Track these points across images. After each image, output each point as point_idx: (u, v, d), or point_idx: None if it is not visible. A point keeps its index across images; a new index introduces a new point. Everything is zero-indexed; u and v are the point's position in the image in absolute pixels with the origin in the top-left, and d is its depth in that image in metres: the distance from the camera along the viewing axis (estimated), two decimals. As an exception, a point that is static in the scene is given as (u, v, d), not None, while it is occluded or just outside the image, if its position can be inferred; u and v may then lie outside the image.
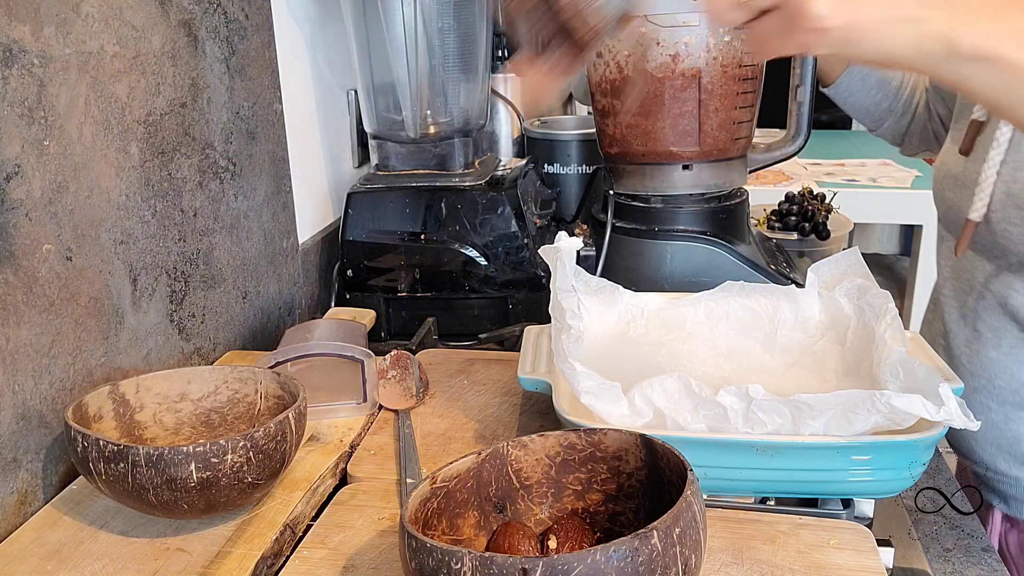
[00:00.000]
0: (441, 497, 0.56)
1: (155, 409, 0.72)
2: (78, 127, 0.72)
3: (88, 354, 0.74)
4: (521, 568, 0.44)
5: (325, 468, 0.72)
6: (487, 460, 0.58)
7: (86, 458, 0.60)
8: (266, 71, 1.02)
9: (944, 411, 0.60)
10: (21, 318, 0.66)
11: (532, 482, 0.60)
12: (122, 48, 0.77)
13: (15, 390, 0.66)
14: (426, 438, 0.78)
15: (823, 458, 0.63)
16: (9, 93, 0.64)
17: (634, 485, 0.58)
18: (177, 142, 0.86)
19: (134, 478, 0.59)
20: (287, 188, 1.09)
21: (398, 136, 1.15)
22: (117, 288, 0.77)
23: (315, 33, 1.18)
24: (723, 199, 1.09)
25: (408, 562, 0.48)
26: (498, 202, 1.09)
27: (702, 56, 0.98)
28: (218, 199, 0.93)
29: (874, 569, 0.59)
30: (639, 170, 1.07)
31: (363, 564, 0.60)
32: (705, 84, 0.99)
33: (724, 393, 0.65)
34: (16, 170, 0.65)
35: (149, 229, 0.82)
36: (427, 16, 1.09)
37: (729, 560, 0.60)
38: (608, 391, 0.67)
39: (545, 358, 0.79)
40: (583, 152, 1.33)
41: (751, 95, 1.04)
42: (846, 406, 0.62)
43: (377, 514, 0.67)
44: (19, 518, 0.67)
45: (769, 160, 1.13)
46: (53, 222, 0.69)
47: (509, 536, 0.57)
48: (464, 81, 1.15)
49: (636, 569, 0.45)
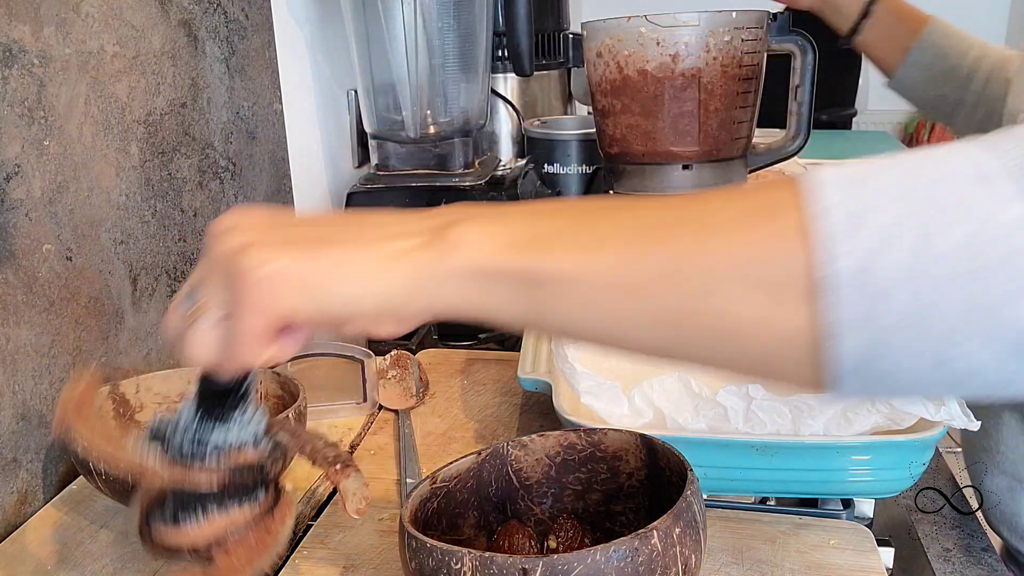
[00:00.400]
0: (441, 497, 0.56)
1: (155, 409, 0.72)
2: (78, 127, 0.72)
3: (88, 354, 0.74)
4: (521, 568, 0.44)
5: (325, 468, 0.72)
6: (487, 460, 0.58)
7: (86, 458, 0.60)
8: (266, 71, 1.02)
9: (944, 411, 0.60)
10: (21, 318, 0.66)
11: (532, 482, 0.60)
12: (122, 48, 0.77)
13: (15, 390, 0.66)
14: (426, 438, 0.78)
15: (823, 458, 0.63)
16: (9, 93, 0.64)
17: (634, 485, 0.58)
18: (177, 142, 0.85)
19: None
20: (287, 188, 1.09)
21: (398, 136, 1.15)
22: (117, 288, 0.77)
23: (315, 33, 1.18)
24: (723, 199, 1.09)
25: (408, 562, 0.48)
26: (498, 202, 1.09)
27: (702, 56, 0.98)
28: (218, 199, 0.93)
29: (874, 569, 0.59)
30: (639, 170, 1.07)
31: (363, 564, 0.60)
32: (705, 84, 0.99)
33: (724, 393, 0.65)
34: (16, 170, 0.65)
35: (149, 229, 0.82)
36: (427, 16, 1.09)
37: (729, 560, 0.60)
38: (608, 391, 0.67)
39: (545, 358, 0.79)
40: (583, 152, 1.33)
41: (751, 95, 1.04)
42: (846, 406, 0.62)
43: (377, 514, 0.67)
44: (19, 518, 0.67)
45: (769, 160, 1.13)
46: (53, 222, 0.69)
47: (509, 536, 0.57)
48: (464, 81, 1.15)
49: (636, 569, 0.45)
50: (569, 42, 1.49)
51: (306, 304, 0.38)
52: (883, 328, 0.31)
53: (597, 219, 0.37)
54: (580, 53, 1.16)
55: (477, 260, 0.37)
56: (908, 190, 0.32)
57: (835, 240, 0.31)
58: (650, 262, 0.35)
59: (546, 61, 1.46)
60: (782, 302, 0.33)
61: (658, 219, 0.36)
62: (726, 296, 0.34)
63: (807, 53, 1.06)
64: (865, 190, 0.32)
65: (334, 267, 0.38)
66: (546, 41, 1.46)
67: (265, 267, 0.37)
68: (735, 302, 0.34)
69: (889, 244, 0.31)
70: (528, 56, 1.23)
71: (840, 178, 0.33)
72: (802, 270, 0.32)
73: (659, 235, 0.36)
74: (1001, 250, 0.30)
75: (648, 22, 0.98)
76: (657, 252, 0.35)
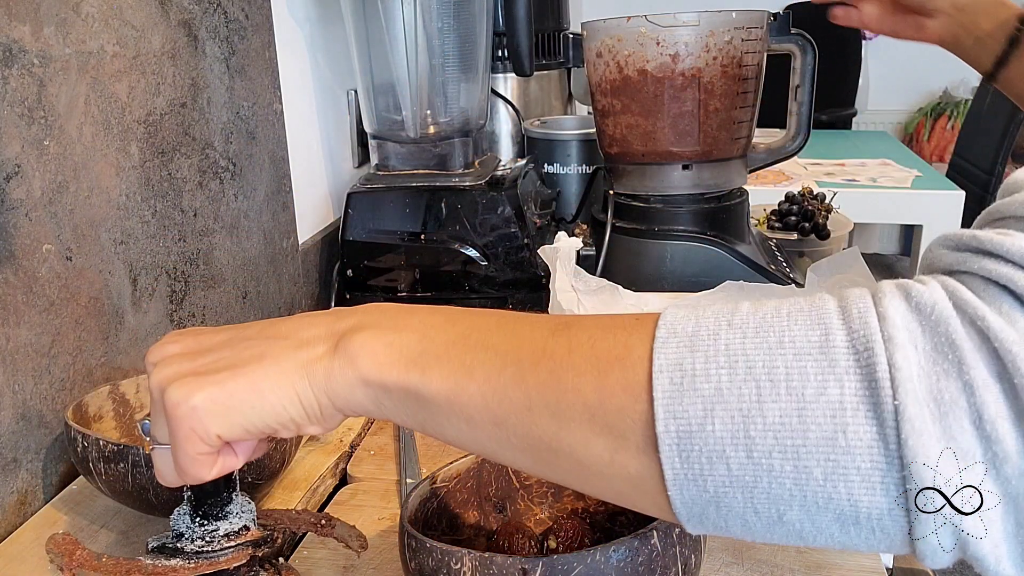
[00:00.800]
0: (441, 497, 0.56)
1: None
2: (78, 127, 0.72)
3: (88, 354, 0.74)
4: (521, 568, 0.44)
5: (325, 468, 0.72)
6: (487, 460, 0.58)
7: (86, 458, 0.60)
8: (266, 71, 1.02)
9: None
10: (21, 318, 0.66)
11: (532, 482, 0.60)
12: (122, 48, 0.77)
13: (15, 390, 0.66)
14: (426, 438, 0.78)
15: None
16: (9, 93, 0.64)
17: (634, 485, 0.58)
18: (177, 142, 0.86)
19: (134, 478, 0.59)
20: (287, 188, 1.09)
21: (398, 136, 1.15)
22: (117, 288, 0.77)
23: (315, 33, 1.18)
24: (723, 199, 1.09)
25: (408, 562, 0.48)
26: (498, 202, 1.09)
27: (702, 56, 0.98)
28: (218, 199, 0.93)
29: (874, 569, 0.59)
30: (639, 170, 1.07)
31: (363, 564, 0.60)
32: (705, 84, 0.99)
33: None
34: (16, 170, 0.65)
35: (149, 229, 0.82)
36: (427, 16, 1.09)
37: (729, 560, 0.60)
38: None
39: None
40: (583, 152, 1.33)
41: (751, 95, 1.04)
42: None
43: (377, 514, 0.67)
44: (19, 518, 0.67)
45: (769, 160, 1.13)
46: (53, 222, 0.69)
47: (509, 536, 0.57)
48: (464, 81, 1.15)
49: (636, 569, 0.45)
50: (569, 42, 1.50)
51: (231, 427, 0.42)
52: (715, 487, 0.33)
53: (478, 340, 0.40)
54: (580, 53, 1.16)
55: (369, 374, 0.40)
56: (744, 355, 0.33)
57: (670, 400, 0.33)
58: (510, 395, 0.38)
59: (546, 61, 1.46)
60: (626, 448, 0.35)
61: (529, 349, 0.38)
62: (576, 436, 0.36)
63: (807, 53, 1.06)
64: (705, 350, 0.33)
65: (249, 389, 0.41)
66: (546, 41, 1.46)
67: (188, 401, 0.41)
68: (584, 443, 0.36)
69: (714, 412, 0.32)
70: (528, 56, 1.23)
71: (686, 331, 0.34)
72: (641, 423, 0.34)
73: (523, 368, 0.38)
74: (824, 430, 0.31)
75: (648, 22, 0.98)
76: (518, 387, 0.37)
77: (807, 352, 0.32)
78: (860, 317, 0.32)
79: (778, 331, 0.33)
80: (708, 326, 0.34)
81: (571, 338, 0.38)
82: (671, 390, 0.33)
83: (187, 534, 0.50)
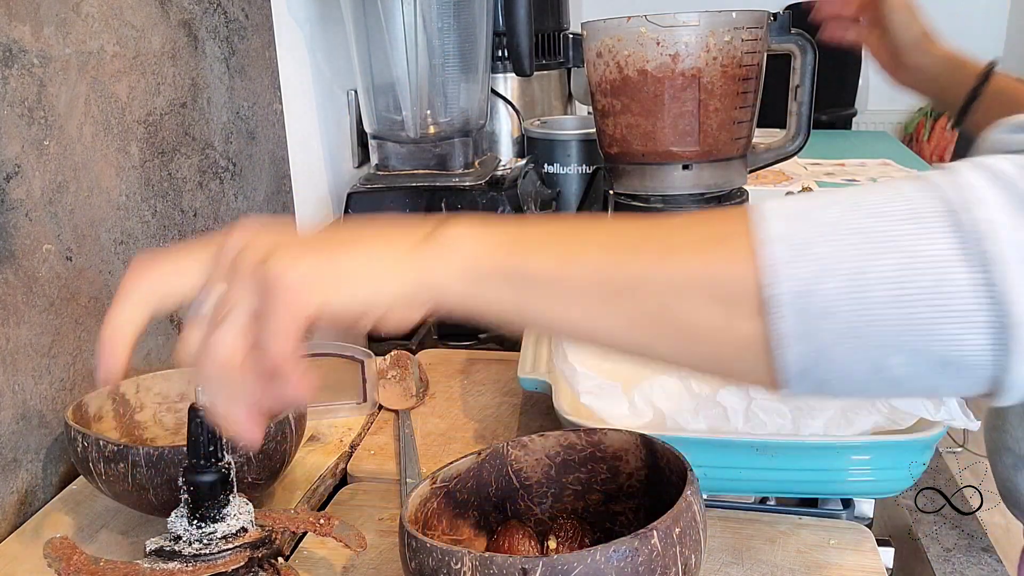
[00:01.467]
0: (441, 497, 0.56)
1: (155, 409, 0.72)
2: (78, 127, 0.72)
3: (88, 354, 0.74)
4: (521, 568, 0.44)
5: (325, 468, 0.72)
6: (487, 460, 0.58)
7: (86, 458, 0.60)
8: (266, 71, 1.02)
9: (944, 411, 0.60)
10: (21, 318, 0.66)
11: (532, 482, 0.60)
12: (122, 48, 0.77)
13: (15, 390, 0.66)
14: (426, 438, 0.78)
15: (823, 458, 0.63)
16: (9, 93, 0.64)
17: (634, 485, 0.58)
18: (177, 142, 0.85)
19: (134, 478, 0.59)
20: (287, 188, 1.09)
21: (398, 136, 1.15)
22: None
23: (315, 33, 1.18)
24: (723, 199, 1.09)
25: (408, 562, 0.48)
26: (498, 202, 1.09)
27: (702, 56, 0.98)
28: (218, 199, 0.93)
29: (874, 569, 0.59)
30: (639, 170, 1.07)
31: (363, 564, 0.60)
32: (705, 84, 0.99)
33: (724, 393, 0.65)
34: (16, 170, 0.65)
35: (149, 229, 0.82)
36: (427, 16, 1.09)
37: (729, 560, 0.60)
38: (608, 391, 0.67)
39: (545, 358, 0.79)
40: (583, 152, 1.33)
41: (751, 95, 1.04)
42: (846, 406, 0.62)
43: (377, 514, 0.67)
44: (19, 518, 0.67)
45: (769, 160, 1.13)
46: (53, 222, 0.69)
47: (509, 536, 0.57)
48: (464, 81, 1.15)
49: (636, 569, 0.45)
50: (569, 42, 1.49)
51: (334, 299, 0.41)
52: (824, 341, 0.36)
53: (576, 232, 0.42)
54: (580, 53, 1.16)
55: (470, 259, 0.41)
56: (848, 223, 0.37)
57: (779, 266, 0.36)
58: (623, 271, 0.39)
59: (546, 61, 1.46)
60: (736, 315, 0.37)
61: (628, 238, 0.41)
62: (687, 306, 0.39)
63: (807, 53, 1.06)
64: (807, 223, 0.37)
65: (354, 266, 0.42)
66: (546, 41, 1.46)
67: (295, 270, 0.41)
68: (695, 312, 0.39)
69: (828, 272, 0.36)
70: (528, 56, 1.23)
71: (784, 212, 0.38)
72: (752, 289, 0.37)
73: (630, 250, 0.40)
74: (930, 279, 0.35)
75: (648, 22, 0.98)
76: (629, 263, 0.40)
77: (908, 218, 0.36)
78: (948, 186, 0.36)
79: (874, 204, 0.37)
80: (803, 206, 0.38)
81: (667, 229, 0.41)
82: (784, 254, 0.36)
83: (185, 536, 0.50)
